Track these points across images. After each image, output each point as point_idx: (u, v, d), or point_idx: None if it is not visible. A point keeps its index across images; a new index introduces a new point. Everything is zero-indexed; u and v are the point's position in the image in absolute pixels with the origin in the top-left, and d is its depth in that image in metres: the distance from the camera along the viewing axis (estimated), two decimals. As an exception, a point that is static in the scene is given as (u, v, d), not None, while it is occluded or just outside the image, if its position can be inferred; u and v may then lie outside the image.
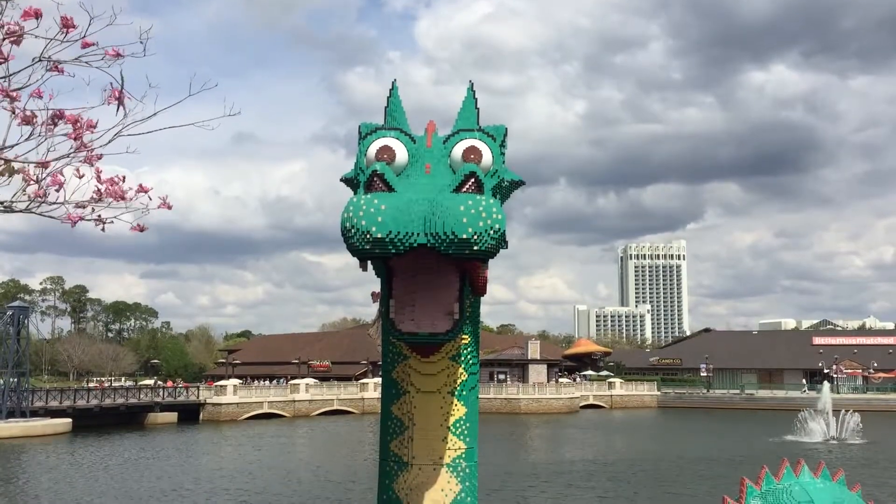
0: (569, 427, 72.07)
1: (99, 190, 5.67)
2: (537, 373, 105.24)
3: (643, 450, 50.25)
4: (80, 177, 5.56)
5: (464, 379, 6.83)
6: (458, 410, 6.81)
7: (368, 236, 5.01)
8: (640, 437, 62.22)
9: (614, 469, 40.44)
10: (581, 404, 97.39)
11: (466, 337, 6.72)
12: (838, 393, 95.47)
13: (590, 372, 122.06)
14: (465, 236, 4.99)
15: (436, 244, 5.02)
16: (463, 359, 6.79)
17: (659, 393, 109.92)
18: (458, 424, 6.80)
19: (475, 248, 5.03)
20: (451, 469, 6.73)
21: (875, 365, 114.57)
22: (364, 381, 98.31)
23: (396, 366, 6.81)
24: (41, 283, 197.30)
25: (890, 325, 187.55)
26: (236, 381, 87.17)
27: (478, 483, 6.89)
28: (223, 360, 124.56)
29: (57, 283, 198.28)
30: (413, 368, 6.74)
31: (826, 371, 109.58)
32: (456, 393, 6.80)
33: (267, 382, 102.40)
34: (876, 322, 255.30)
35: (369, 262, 5.55)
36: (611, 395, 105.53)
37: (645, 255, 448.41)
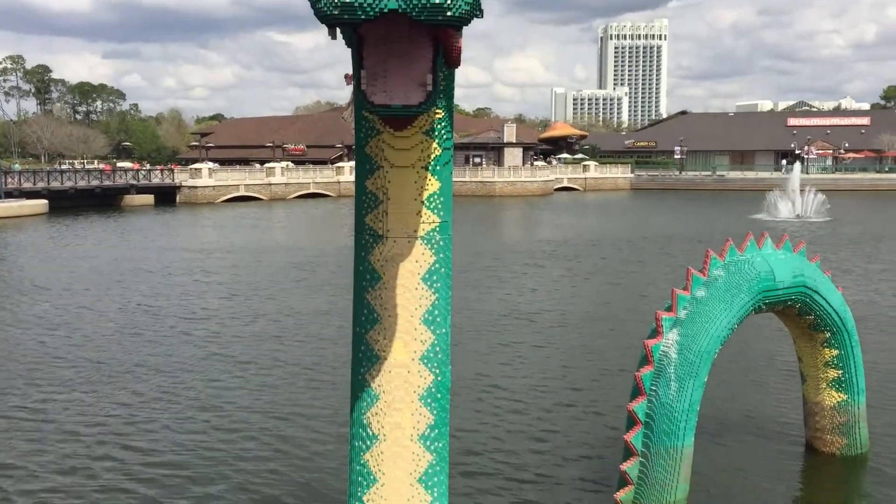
0: (542, 209, 73.67)
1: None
2: (513, 156, 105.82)
3: (614, 230, 51.77)
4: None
5: (437, 154, 6.78)
6: (432, 185, 6.81)
7: (337, 0, 4.72)
8: (612, 218, 63.88)
9: (582, 248, 41.81)
10: (555, 187, 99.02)
11: (440, 111, 6.58)
12: (808, 173, 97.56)
13: (565, 155, 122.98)
14: (437, 0, 4.71)
15: (407, 9, 4.74)
16: (436, 133, 6.70)
17: (633, 175, 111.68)
18: (431, 198, 6.83)
19: (448, 13, 4.77)
20: (425, 241, 6.85)
21: (846, 145, 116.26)
22: (339, 164, 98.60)
23: (370, 140, 6.73)
24: (0, 63, 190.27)
25: (865, 106, 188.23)
26: (211, 165, 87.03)
27: (451, 256, 7.05)
28: (196, 144, 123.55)
29: (17, 63, 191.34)
30: (386, 143, 6.66)
31: (798, 152, 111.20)
32: (430, 168, 6.77)
33: (240, 167, 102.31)
34: (852, 103, 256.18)
35: (338, 29, 5.26)
36: (585, 178, 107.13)
37: (625, 35, 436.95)
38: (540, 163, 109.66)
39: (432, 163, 6.77)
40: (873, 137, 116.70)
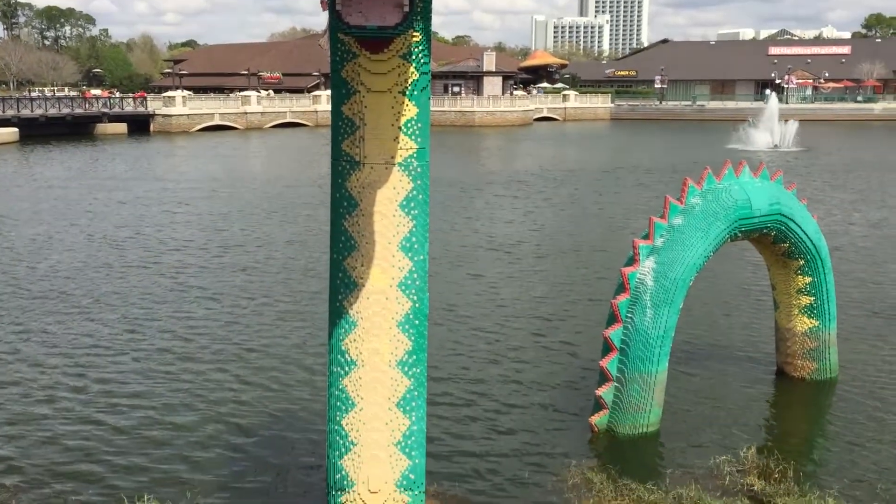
0: (522, 139, 73.25)
1: None
2: (492, 85, 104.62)
3: (593, 160, 51.67)
4: None
5: (415, 79, 6.66)
6: (410, 110, 6.72)
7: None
8: (592, 148, 63.70)
9: (561, 178, 41.77)
10: (535, 117, 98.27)
11: (417, 34, 6.44)
12: (787, 103, 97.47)
13: (545, 84, 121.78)
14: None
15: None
16: (414, 58, 6.57)
17: (613, 105, 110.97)
18: (409, 124, 6.75)
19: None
20: (403, 168, 6.79)
21: (826, 75, 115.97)
22: (316, 93, 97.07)
23: (346, 64, 6.59)
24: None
25: (846, 35, 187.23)
26: (185, 93, 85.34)
27: (429, 182, 7.00)
28: (170, 71, 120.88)
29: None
30: (363, 67, 6.53)
31: (778, 82, 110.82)
32: (407, 93, 6.66)
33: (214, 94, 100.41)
34: (833, 32, 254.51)
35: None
36: (565, 108, 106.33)
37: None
38: (520, 92, 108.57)
39: (409, 88, 6.66)
40: (853, 67, 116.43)
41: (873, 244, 23.96)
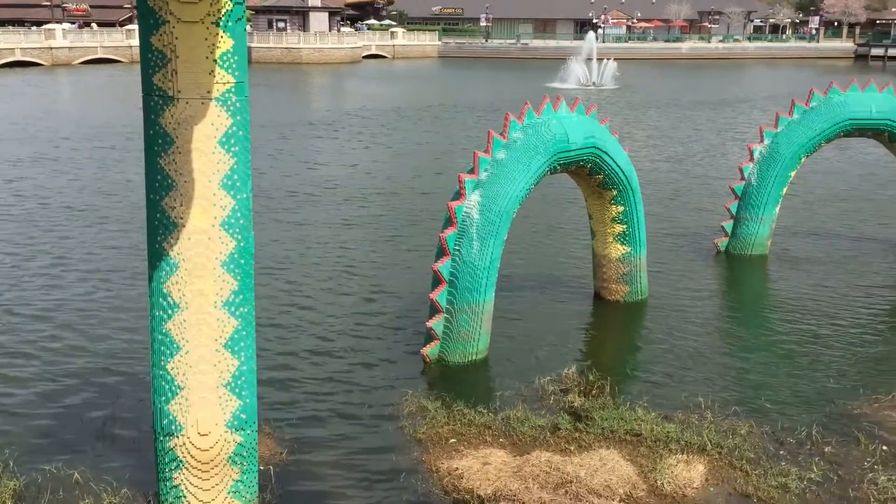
0: (350, 77, 72.23)
1: None
2: (318, 21, 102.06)
3: (421, 98, 51.85)
4: None
5: (228, 9, 6.42)
6: (225, 42, 6.48)
7: None
8: (420, 86, 63.82)
9: (389, 117, 41.74)
10: (363, 54, 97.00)
11: (230, -39, 6.18)
12: (604, 42, 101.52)
13: (372, 21, 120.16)
14: None
15: None
16: (227, -14, 6.31)
17: (440, 43, 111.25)
18: (225, 57, 6.51)
19: None
20: (220, 103, 6.56)
21: (638, 15, 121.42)
22: (130, 27, 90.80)
23: (152, -8, 6.25)
24: None
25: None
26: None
27: (249, 118, 6.81)
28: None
29: None
30: (171, -5, 6.21)
31: (595, 21, 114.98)
32: (221, 23, 6.41)
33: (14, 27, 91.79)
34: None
35: None
36: (393, 46, 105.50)
37: None
38: (347, 29, 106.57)
39: (223, 18, 6.41)
40: (663, 7, 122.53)
41: (678, 177, 25.73)
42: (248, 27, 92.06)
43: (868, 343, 12.40)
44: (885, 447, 9.11)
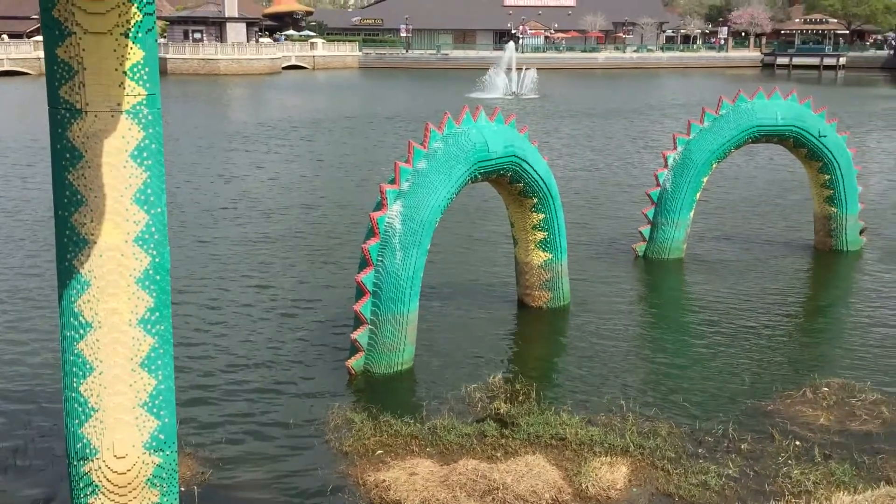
0: (269, 89, 71.35)
1: None
2: (236, 32, 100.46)
3: (342, 109, 51.58)
4: None
5: (138, 19, 6.27)
6: (135, 54, 6.32)
7: None
8: (341, 97, 63.50)
9: (309, 128, 41.39)
10: (283, 65, 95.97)
11: (138, -29, 6.04)
12: (523, 52, 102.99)
13: (291, 32, 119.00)
14: None
15: None
16: (136, -4, 6.16)
17: (361, 53, 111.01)
18: (135, 69, 6.35)
19: None
20: (131, 115, 6.39)
21: (556, 26, 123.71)
22: (38, 38, 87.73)
23: (57, 2, 6.05)
24: None
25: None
26: None
27: (162, 130, 6.65)
28: None
29: None
30: (76, 6, 6.05)
31: (514, 32, 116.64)
32: (130, 35, 6.25)
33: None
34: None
35: None
36: (313, 56, 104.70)
37: None
38: (266, 40, 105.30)
39: (133, 29, 6.25)
40: (579, 18, 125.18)
41: (596, 184, 26.26)
42: (163, 38, 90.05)
43: (779, 343, 12.88)
44: (797, 442, 9.46)
